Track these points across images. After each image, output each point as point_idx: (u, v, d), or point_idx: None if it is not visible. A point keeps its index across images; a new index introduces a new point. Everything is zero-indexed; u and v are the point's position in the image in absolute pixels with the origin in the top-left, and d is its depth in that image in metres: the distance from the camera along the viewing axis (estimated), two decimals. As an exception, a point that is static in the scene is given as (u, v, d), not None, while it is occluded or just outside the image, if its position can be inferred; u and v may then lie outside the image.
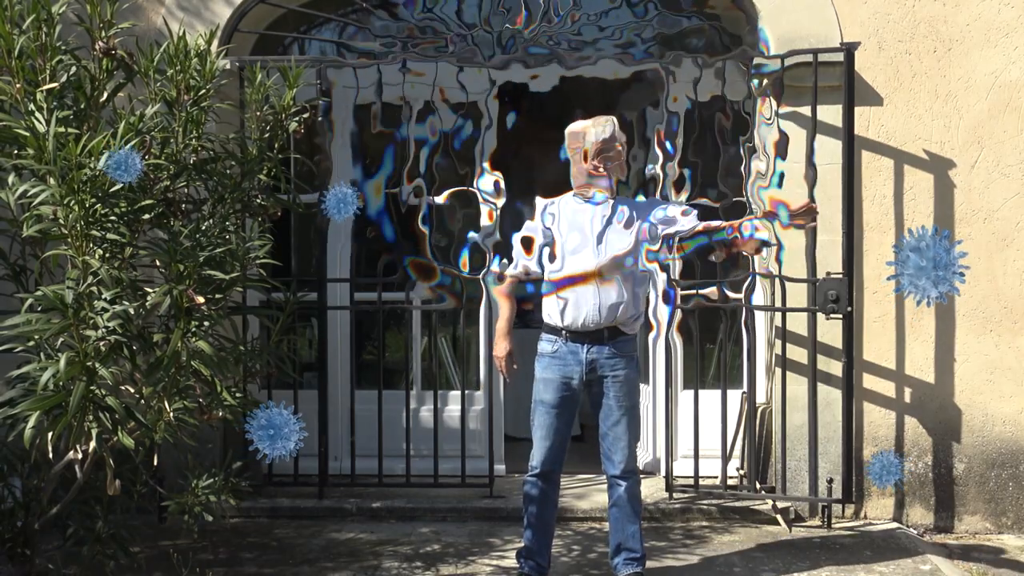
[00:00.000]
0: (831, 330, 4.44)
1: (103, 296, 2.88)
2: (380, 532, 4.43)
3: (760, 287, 4.61)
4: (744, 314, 4.56)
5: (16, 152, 3.07)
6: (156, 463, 3.45)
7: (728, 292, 4.61)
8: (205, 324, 3.15)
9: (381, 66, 4.59)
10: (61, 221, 2.93)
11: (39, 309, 2.86)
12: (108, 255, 3.11)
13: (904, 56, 4.56)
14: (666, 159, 4.51)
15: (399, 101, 4.65)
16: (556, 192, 3.72)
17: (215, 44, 3.51)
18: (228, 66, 4.07)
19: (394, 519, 4.62)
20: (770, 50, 4.52)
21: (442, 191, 4.71)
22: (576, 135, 3.58)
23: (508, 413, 5.40)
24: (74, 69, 3.27)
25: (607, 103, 5.45)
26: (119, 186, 2.94)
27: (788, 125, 4.48)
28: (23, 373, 2.93)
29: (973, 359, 4.56)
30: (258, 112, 3.53)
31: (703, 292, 4.53)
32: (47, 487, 3.39)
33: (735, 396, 4.80)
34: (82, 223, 2.92)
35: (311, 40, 5.21)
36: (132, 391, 3.11)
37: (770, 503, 4.57)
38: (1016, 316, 4.54)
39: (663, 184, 4.48)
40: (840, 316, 4.36)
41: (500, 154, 4.76)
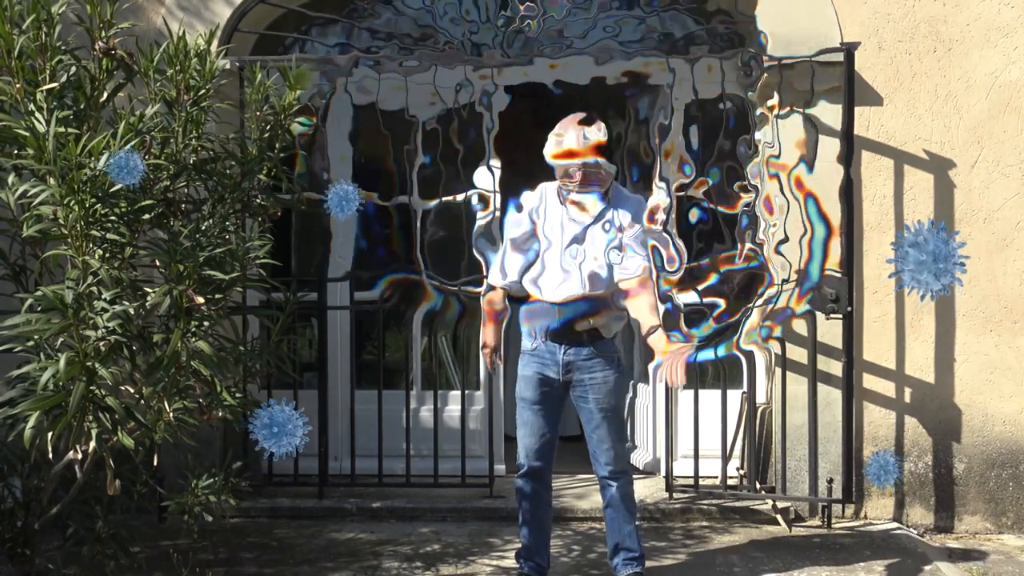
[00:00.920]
0: (831, 330, 4.44)
1: (103, 296, 2.88)
2: (380, 532, 4.43)
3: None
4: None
5: (16, 152, 3.07)
6: (156, 463, 3.45)
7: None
8: (205, 324, 3.15)
9: (380, 67, 4.59)
10: (61, 221, 2.93)
11: (39, 309, 2.86)
12: (108, 255, 3.10)
13: (904, 56, 4.56)
14: (666, 159, 4.50)
15: (399, 100, 4.64)
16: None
17: (215, 44, 3.51)
18: (228, 66, 4.06)
19: (394, 519, 4.62)
20: (769, 50, 4.51)
21: (440, 196, 4.71)
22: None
23: (508, 413, 5.36)
24: (74, 69, 3.26)
25: (612, 104, 5.45)
26: (119, 186, 2.93)
27: (788, 125, 4.47)
28: (23, 373, 2.93)
29: (973, 359, 4.56)
30: (258, 112, 3.53)
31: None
32: (47, 487, 3.39)
33: (735, 396, 4.80)
34: (82, 223, 2.92)
35: (312, 40, 5.20)
36: (132, 391, 3.11)
37: (770, 503, 4.57)
38: (1016, 316, 4.54)
39: (667, 186, 4.48)
40: (840, 316, 4.36)
41: (501, 156, 4.76)
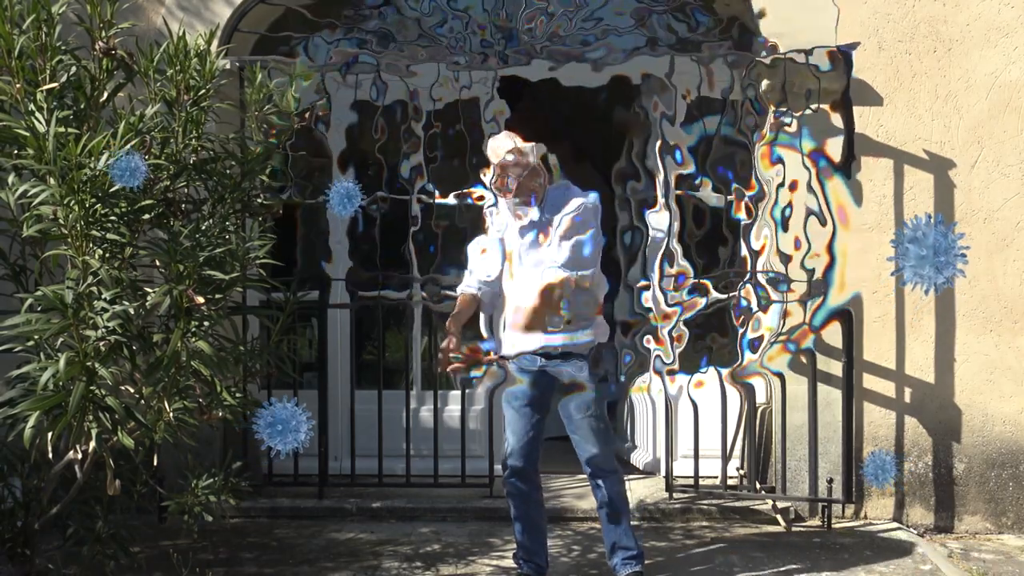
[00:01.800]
0: (831, 330, 4.44)
1: (103, 296, 2.88)
2: (380, 532, 4.43)
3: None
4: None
5: (16, 152, 3.07)
6: (156, 463, 3.45)
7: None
8: (205, 324, 3.15)
9: (378, 67, 4.59)
10: (61, 221, 2.93)
11: (39, 309, 2.86)
12: (108, 255, 3.11)
13: (904, 56, 4.56)
14: (666, 158, 4.51)
15: (399, 99, 4.65)
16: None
17: (215, 44, 3.51)
18: (228, 66, 4.07)
19: (394, 519, 4.62)
20: (771, 50, 4.51)
21: (440, 196, 4.72)
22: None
23: (508, 413, 5.39)
24: (74, 69, 3.27)
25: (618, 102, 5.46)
26: (119, 186, 2.93)
27: (788, 125, 4.47)
28: (23, 373, 2.93)
29: (973, 359, 4.55)
30: (258, 112, 3.53)
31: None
32: (47, 487, 3.40)
33: (735, 396, 4.79)
34: (82, 223, 2.92)
35: (312, 40, 5.19)
36: (132, 391, 3.11)
37: (770, 503, 4.57)
38: (1016, 316, 4.54)
39: (667, 188, 4.48)
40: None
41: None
